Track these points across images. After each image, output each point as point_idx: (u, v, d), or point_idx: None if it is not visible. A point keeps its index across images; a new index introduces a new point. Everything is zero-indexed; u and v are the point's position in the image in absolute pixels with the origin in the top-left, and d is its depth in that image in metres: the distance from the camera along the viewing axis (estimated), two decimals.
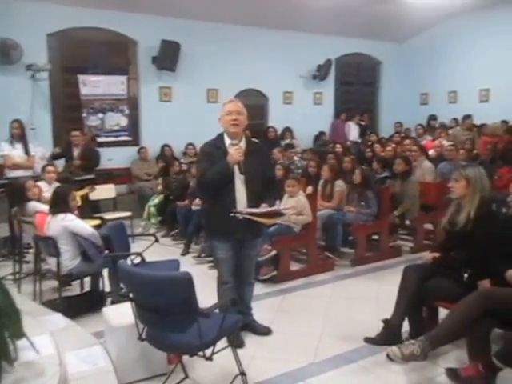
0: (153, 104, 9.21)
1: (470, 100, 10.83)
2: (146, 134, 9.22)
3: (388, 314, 3.45)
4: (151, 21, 8.75)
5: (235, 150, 3.35)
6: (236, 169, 3.39)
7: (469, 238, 3.28)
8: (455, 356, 3.33)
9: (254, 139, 3.81)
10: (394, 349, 2.88)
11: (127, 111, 8.82)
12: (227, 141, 3.48)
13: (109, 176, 7.83)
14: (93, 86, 8.35)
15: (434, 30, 11.58)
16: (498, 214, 3.79)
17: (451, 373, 2.74)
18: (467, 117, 9.77)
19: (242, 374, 2.89)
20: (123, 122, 8.77)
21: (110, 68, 8.91)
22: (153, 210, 7.40)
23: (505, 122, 9.36)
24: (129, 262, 4.04)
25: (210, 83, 9.67)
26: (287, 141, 9.87)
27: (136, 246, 4.76)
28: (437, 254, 3.51)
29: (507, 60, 10.17)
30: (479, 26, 10.58)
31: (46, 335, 2.51)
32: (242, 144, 3.49)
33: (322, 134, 10.89)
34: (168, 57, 8.97)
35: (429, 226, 6.49)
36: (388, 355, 3.11)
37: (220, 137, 3.54)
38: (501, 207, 5.65)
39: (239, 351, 2.95)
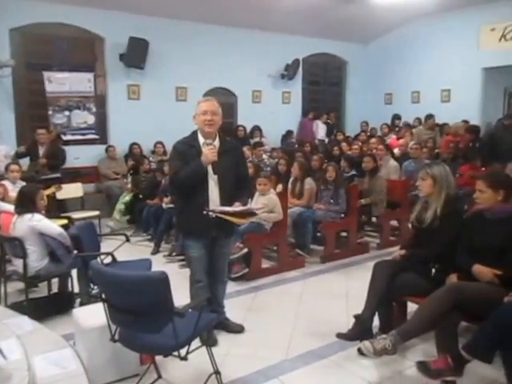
0: (121, 102, 9.09)
1: (432, 100, 11.13)
2: (114, 133, 9.09)
3: (357, 309, 3.50)
4: (118, 17, 8.63)
5: (209, 150, 3.32)
6: (210, 169, 3.38)
7: (436, 234, 3.37)
8: (423, 349, 3.42)
9: (228, 138, 3.80)
10: (367, 344, 2.94)
11: (94, 109, 8.65)
12: (201, 139, 3.45)
13: (76, 175, 7.70)
14: (59, 82, 8.16)
15: (398, 32, 11.83)
16: (462, 210, 3.89)
17: (421, 366, 2.81)
18: (429, 116, 10.03)
19: (217, 372, 2.89)
20: (90, 120, 8.60)
21: (76, 65, 8.76)
22: (122, 206, 7.28)
23: (465, 121, 9.65)
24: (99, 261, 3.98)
25: (178, 81, 9.61)
26: (256, 139, 9.91)
27: (105, 246, 4.69)
28: (402, 252, 3.59)
29: (467, 61, 10.49)
30: (441, 28, 10.86)
31: (12, 339, 2.46)
32: (216, 143, 3.46)
33: (290, 132, 10.96)
34: (136, 54, 8.86)
35: (394, 223, 6.64)
36: (360, 350, 3.17)
37: (194, 135, 3.51)
38: (463, 204, 5.84)
39: (213, 350, 2.95)
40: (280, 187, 6.25)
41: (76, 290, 4.33)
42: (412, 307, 3.42)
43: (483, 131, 9.12)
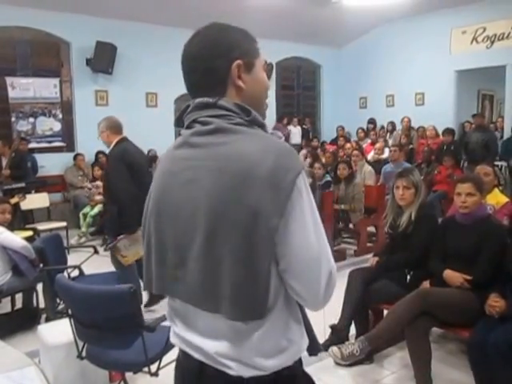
0: (88, 108, 8.80)
1: (407, 103, 11.14)
2: (81, 140, 8.79)
3: (335, 318, 3.43)
4: (84, 21, 8.41)
5: None
6: None
7: (410, 239, 3.32)
8: (400, 357, 3.33)
9: None
10: (335, 349, 2.89)
11: (60, 115, 8.42)
12: None
13: (42, 184, 7.41)
14: (22, 88, 7.92)
15: (370, 36, 11.85)
16: (435, 215, 3.84)
17: None
18: (405, 120, 10.10)
19: None
20: (56, 126, 8.36)
21: (40, 70, 8.50)
22: (90, 220, 7.02)
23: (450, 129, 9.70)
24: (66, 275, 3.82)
25: (148, 87, 9.43)
26: None
27: (72, 258, 4.50)
28: (376, 259, 3.53)
29: (440, 64, 10.53)
30: (413, 32, 10.86)
31: None
32: None
33: None
34: (104, 59, 8.63)
35: (371, 229, 6.58)
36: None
37: None
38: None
39: None
40: None
41: (42, 305, 4.15)
42: None
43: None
